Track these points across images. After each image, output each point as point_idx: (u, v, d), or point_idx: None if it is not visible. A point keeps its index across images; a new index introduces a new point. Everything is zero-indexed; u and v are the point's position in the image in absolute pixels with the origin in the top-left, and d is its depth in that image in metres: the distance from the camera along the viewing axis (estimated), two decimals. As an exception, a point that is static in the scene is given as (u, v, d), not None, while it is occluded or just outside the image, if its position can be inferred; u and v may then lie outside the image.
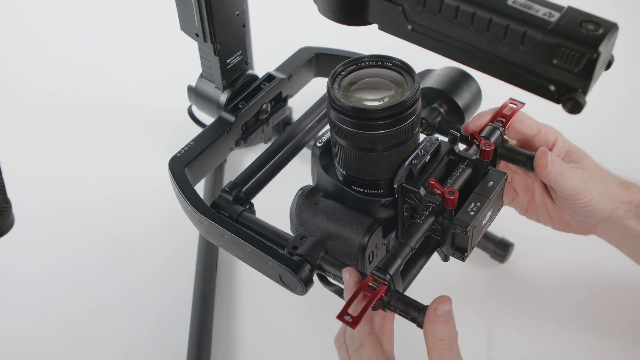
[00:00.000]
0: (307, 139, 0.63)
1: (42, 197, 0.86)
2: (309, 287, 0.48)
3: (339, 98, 0.46)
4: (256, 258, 0.50)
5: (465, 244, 0.47)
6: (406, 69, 0.49)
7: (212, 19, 0.58)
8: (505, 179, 0.49)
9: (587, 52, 0.36)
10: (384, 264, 0.44)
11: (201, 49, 0.63)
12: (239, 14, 0.61)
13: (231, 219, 0.53)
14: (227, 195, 0.54)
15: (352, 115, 0.46)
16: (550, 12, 0.38)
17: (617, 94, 0.97)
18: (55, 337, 0.71)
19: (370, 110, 0.45)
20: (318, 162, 0.54)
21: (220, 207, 0.54)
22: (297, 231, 0.53)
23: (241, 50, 0.64)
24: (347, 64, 0.50)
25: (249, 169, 0.58)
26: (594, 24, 0.36)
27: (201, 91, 0.66)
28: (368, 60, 0.50)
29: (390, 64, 0.49)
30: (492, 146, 0.49)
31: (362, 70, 0.50)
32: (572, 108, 0.38)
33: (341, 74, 0.49)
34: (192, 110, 0.72)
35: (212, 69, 0.64)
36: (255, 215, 0.55)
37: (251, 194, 0.57)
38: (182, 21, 0.61)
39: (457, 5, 0.39)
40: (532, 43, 0.37)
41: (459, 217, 0.46)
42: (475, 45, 0.40)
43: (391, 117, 0.45)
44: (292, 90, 0.69)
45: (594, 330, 0.69)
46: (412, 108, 0.46)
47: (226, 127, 0.61)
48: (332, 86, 0.48)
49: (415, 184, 0.48)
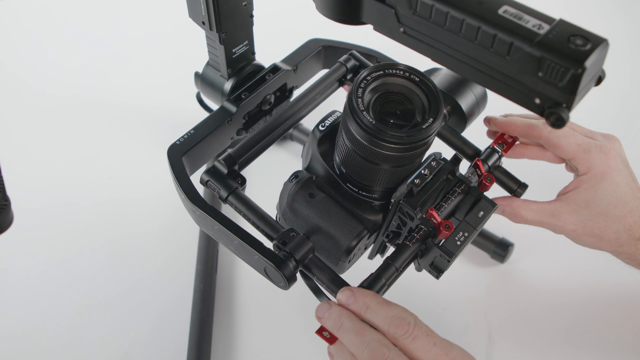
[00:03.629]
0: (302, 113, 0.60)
1: (42, 197, 0.86)
2: (292, 283, 0.48)
3: (360, 110, 0.44)
4: (243, 250, 0.50)
5: (444, 268, 0.48)
6: (433, 91, 0.46)
7: (218, 8, 0.58)
8: (494, 209, 0.49)
9: (572, 67, 0.35)
10: (369, 284, 0.45)
11: (208, 37, 0.63)
12: (246, 4, 0.61)
13: (221, 197, 0.53)
14: (222, 167, 0.53)
15: (368, 131, 0.44)
16: (540, 24, 0.37)
17: (617, 94, 0.97)
18: (55, 337, 0.71)
19: (389, 133, 0.44)
20: (316, 147, 0.52)
21: (214, 176, 0.53)
22: (284, 214, 0.53)
23: (247, 41, 0.64)
24: (375, 69, 0.47)
25: (247, 143, 0.56)
26: (582, 38, 0.35)
27: (207, 78, 0.66)
28: (399, 70, 0.47)
29: (416, 79, 0.47)
30: (492, 182, 0.49)
31: (390, 78, 0.47)
32: (555, 122, 0.37)
33: (366, 79, 0.47)
34: (201, 97, 0.72)
35: (218, 57, 0.64)
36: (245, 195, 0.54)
37: (242, 166, 0.56)
38: (190, 9, 0.61)
39: (447, 11, 0.39)
40: (518, 54, 0.37)
41: (446, 246, 0.46)
42: (464, 53, 0.40)
43: (407, 144, 0.44)
44: (298, 82, 0.68)
45: (594, 330, 0.69)
46: (429, 138, 0.45)
47: (227, 117, 0.61)
48: (355, 93, 0.45)
49: (413, 203, 0.48)
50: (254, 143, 0.56)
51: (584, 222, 0.54)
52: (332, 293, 0.48)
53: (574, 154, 0.54)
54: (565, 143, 0.54)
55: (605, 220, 0.53)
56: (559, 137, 0.54)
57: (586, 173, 0.54)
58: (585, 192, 0.54)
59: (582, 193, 0.54)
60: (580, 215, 0.54)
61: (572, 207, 0.54)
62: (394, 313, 0.42)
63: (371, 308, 0.43)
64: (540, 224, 0.55)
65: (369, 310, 0.43)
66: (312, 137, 0.53)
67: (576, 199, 0.54)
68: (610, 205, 0.53)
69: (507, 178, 0.56)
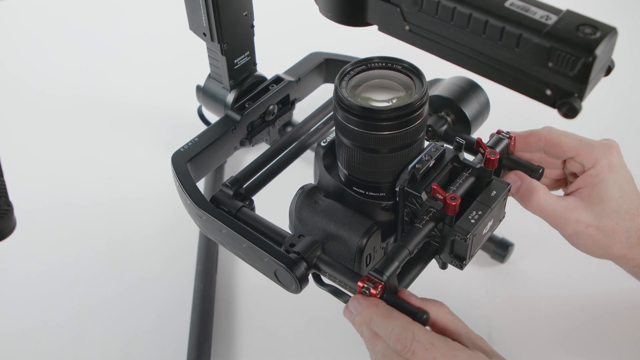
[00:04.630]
0: (311, 140, 0.63)
1: (43, 197, 0.86)
2: (304, 285, 0.48)
3: (346, 97, 0.46)
4: (252, 253, 0.50)
5: (464, 252, 0.47)
6: (415, 72, 0.48)
7: (219, 19, 0.59)
8: (508, 189, 0.48)
9: (583, 56, 0.35)
10: (381, 266, 0.44)
11: (209, 48, 0.63)
12: (246, 14, 0.61)
13: (230, 214, 0.53)
14: (228, 190, 0.54)
15: (358, 115, 0.45)
16: (547, 15, 0.37)
17: (617, 94, 0.97)
18: (55, 337, 0.71)
19: (377, 111, 0.45)
20: (321, 162, 0.53)
21: (220, 201, 0.54)
22: (296, 229, 0.53)
23: (249, 51, 0.64)
24: (356, 64, 0.49)
25: (251, 165, 0.58)
26: (591, 27, 0.36)
27: (209, 91, 0.66)
28: (377, 62, 0.50)
29: (399, 67, 0.49)
30: (497, 155, 0.48)
31: (371, 71, 0.50)
32: (568, 112, 0.37)
33: (350, 73, 0.49)
34: (202, 111, 0.72)
35: (219, 68, 0.64)
36: (254, 212, 0.55)
37: (252, 191, 0.57)
38: (191, 20, 0.61)
39: (454, 6, 0.39)
40: (527, 46, 0.37)
41: (460, 224, 0.45)
42: (472, 48, 0.40)
43: (397, 119, 0.45)
44: (301, 94, 0.69)
45: (594, 330, 0.69)
46: (419, 111, 0.46)
47: (231, 126, 0.61)
48: (339, 85, 0.47)
49: (417, 188, 0.47)
50: (259, 165, 0.58)
51: (598, 219, 0.52)
52: (349, 289, 0.47)
53: (577, 150, 0.53)
54: (567, 140, 0.54)
55: (617, 217, 0.52)
56: (560, 135, 0.54)
57: (593, 166, 0.53)
58: (597, 188, 0.52)
59: (594, 188, 0.53)
60: (595, 211, 0.52)
61: (585, 203, 0.52)
62: (392, 327, 0.42)
63: (373, 320, 0.43)
64: (553, 215, 0.52)
65: (372, 322, 0.43)
66: (316, 154, 0.54)
67: (589, 195, 0.53)
68: (620, 200, 0.52)
69: (519, 165, 0.54)
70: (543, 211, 0.52)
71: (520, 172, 0.53)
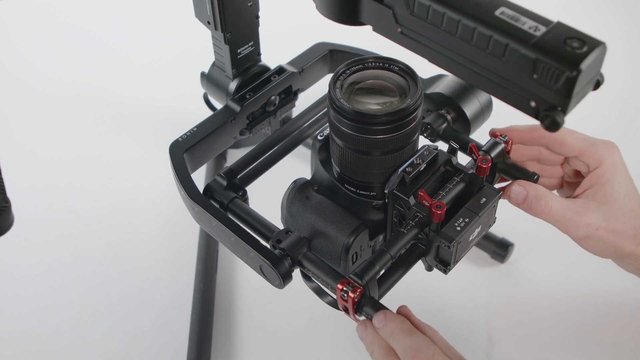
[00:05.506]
0: (308, 132, 0.63)
1: (42, 196, 0.87)
2: (287, 281, 0.48)
3: (339, 99, 0.46)
4: (239, 247, 0.50)
5: (449, 258, 0.46)
6: (410, 74, 0.48)
7: (223, 8, 0.59)
8: (498, 197, 0.48)
9: (567, 70, 0.34)
10: (362, 270, 0.44)
11: (213, 36, 0.63)
12: (251, 5, 0.61)
13: (222, 205, 0.54)
14: (222, 180, 0.55)
15: (350, 118, 0.45)
16: (537, 25, 0.37)
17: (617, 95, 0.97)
18: (55, 337, 0.71)
19: (369, 115, 0.45)
20: (317, 155, 0.53)
21: (214, 190, 0.55)
22: (287, 222, 0.53)
23: (253, 42, 0.64)
24: (351, 64, 0.49)
25: (246, 156, 0.58)
26: (579, 41, 0.35)
27: (212, 78, 0.66)
28: (372, 62, 0.49)
29: (395, 68, 0.49)
30: (489, 162, 0.47)
31: (366, 72, 0.49)
32: (550, 125, 0.36)
33: (345, 73, 0.49)
34: (208, 97, 0.72)
35: (223, 57, 0.64)
36: (247, 204, 0.55)
37: (246, 182, 0.57)
38: (196, 7, 0.61)
39: (444, 12, 0.39)
40: (514, 56, 0.37)
41: (445, 232, 0.45)
42: (460, 54, 0.40)
43: (390, 123, 0.45)
44: (304, 84, 0.68)
45: (594, 330, 0.69)
46: (412, 115, 0.46)
47: (230, 116, 0.61)
48: (333, 86, 0.47)
49: (405, 192, 0.47)
50: (254, 156, 0.58)
51: (607, 219, 0.52)
52: (331, 289, 0.47)
53: (582, 149, 0.53)
54: (571, 138, 0.53)
55: (623, 216, 0.52)
56: (564, 133, 0.54)
57: (599, 166, 0.53)
58: (603, 188, 0.52)
59: (600, 189, 0.52)
60: (603, 212, 0.52)
61: (593, 204, 0.52)
62: (412, 344, 0.43)
63: (394, 336, 0.44)
64: (563, 219, 0.51)
65: (392, 337, 0.44)
66: (313, 147, 0.54)
67: (595, 196, 0.52)
68: (625, 199, 0.52)
69: (515, 169, 0.54)
70: (554, 217, 0.52)
71: (523, 182, 0.52)
